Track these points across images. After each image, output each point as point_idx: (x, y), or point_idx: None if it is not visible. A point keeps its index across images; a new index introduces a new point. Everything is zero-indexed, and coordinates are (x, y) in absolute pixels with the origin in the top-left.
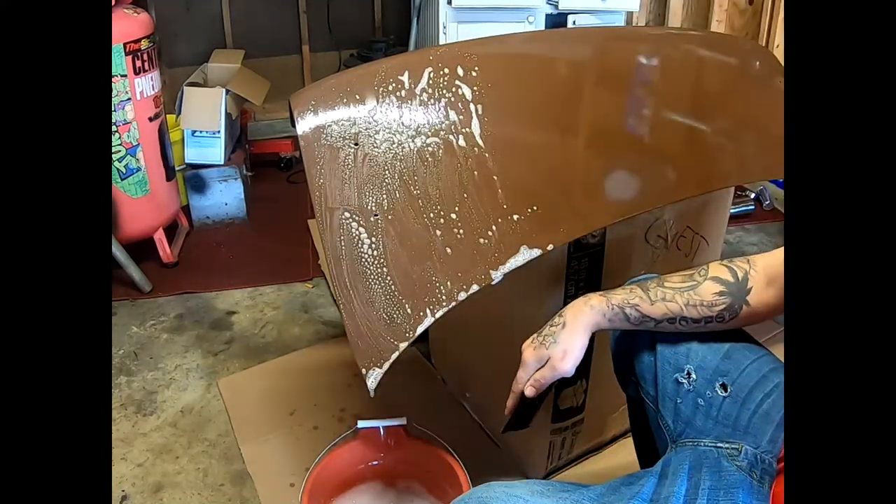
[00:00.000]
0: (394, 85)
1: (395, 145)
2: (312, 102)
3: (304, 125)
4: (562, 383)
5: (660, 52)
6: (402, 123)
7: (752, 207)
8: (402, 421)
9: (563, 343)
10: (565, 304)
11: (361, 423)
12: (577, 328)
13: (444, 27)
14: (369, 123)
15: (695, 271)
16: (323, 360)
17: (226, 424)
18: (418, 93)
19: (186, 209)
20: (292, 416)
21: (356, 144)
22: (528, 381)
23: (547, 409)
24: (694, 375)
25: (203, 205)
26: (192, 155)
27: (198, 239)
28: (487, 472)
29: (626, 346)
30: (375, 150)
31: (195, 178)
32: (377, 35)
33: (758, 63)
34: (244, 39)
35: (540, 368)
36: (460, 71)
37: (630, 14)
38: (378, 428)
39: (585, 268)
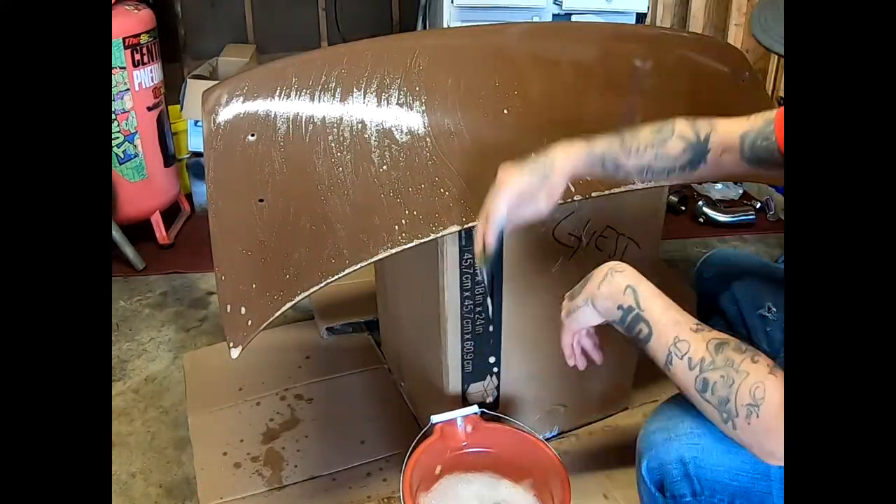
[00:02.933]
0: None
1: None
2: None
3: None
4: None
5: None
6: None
7: (753, 217)
8: (475, 409)
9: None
10: (462, 297)
11: (435, 418)
12: (558, 172)
13: (449, 27)
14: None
15: (663, 125)
16: (281, 341)
17: (182, 394)
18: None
19: (191, 196)
20: (240, 392)
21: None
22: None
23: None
24: (774, 308)
25: (204, 191)
26: (196, 143)
27: (197, 223)
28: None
29: (708, 300)
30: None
31: (197, 166)
32: (394, 32)
33: (747, 73)
34: (265, 34)
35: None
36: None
37: (644, 15)
38: (455, 419)
39: None
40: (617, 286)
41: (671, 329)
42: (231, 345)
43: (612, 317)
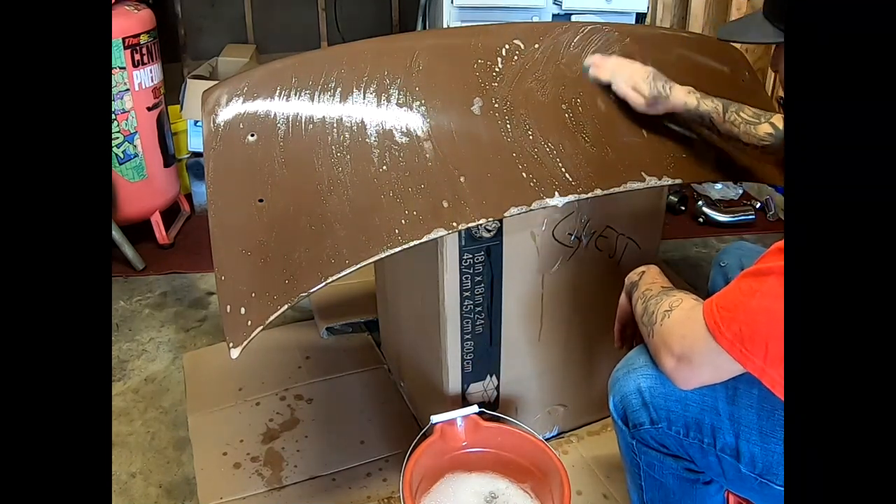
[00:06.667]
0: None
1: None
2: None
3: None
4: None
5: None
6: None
7: (753, 217)
8: (475, 409)
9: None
10: (462, 297)
11: (435, 418)
12: (667, 106)
13: (448, 27)
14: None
15: (763, 113)
16: (280, 341)
17: (182, 394)
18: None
19: (191, 196)
20: (240, 392)
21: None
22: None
23: None
24: None
25: (203, 191)
26: (196, 144)
27: (196, 223)
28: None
29: (720, 285)
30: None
31: (196, 166)
32: (394, 32)
33: (747, 73)
34: (265, 34)
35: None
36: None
37: (644, 15)
38: (455, 419)
39: (482, 262)
40: (633, 273)
41: (645, 286)
42: (231, 345)
43: (629, 294)
